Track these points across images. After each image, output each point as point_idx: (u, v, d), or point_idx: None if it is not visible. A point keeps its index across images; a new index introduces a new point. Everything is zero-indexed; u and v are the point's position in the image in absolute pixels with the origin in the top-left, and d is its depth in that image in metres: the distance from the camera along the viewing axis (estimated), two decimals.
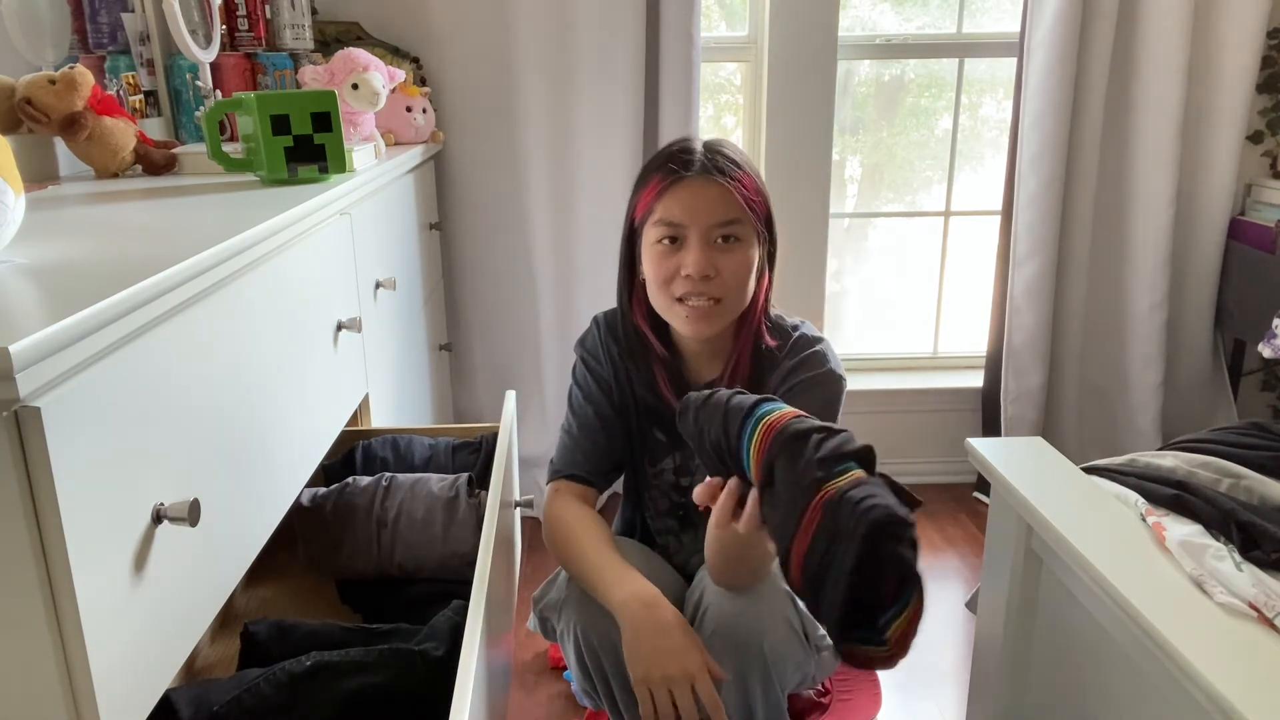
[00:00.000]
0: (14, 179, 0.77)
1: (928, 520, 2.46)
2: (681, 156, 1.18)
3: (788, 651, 1.12)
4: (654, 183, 1.19)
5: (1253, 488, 1.17)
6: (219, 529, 0.87)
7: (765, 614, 1.11)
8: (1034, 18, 2.22)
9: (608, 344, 1.34)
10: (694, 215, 1.16)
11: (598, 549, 1.18)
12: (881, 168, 2.72)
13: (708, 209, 1.16)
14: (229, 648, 1.36)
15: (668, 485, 1.34)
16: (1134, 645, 0.97)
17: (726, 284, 1.18)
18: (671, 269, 1.18)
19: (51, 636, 0.63)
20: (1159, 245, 2.35)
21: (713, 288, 1.17)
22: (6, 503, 0.60)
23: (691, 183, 1.16)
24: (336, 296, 1.35)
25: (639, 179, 1.25)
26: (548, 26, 2.15)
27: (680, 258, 1.17)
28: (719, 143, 1.22)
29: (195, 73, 1.78)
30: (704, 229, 1.16)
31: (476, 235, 2.38)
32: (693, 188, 1.16)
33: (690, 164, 1.17)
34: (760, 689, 1.11)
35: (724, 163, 1.18)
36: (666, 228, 1.18)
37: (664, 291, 1.20)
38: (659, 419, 1.32)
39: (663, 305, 1.22)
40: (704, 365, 1.29)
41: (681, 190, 1.16)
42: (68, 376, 0.63)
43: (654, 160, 1.23)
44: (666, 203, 1.17)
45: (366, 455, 1.49)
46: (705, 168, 1.17)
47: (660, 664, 1.02)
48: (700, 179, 1.16)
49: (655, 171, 1.20)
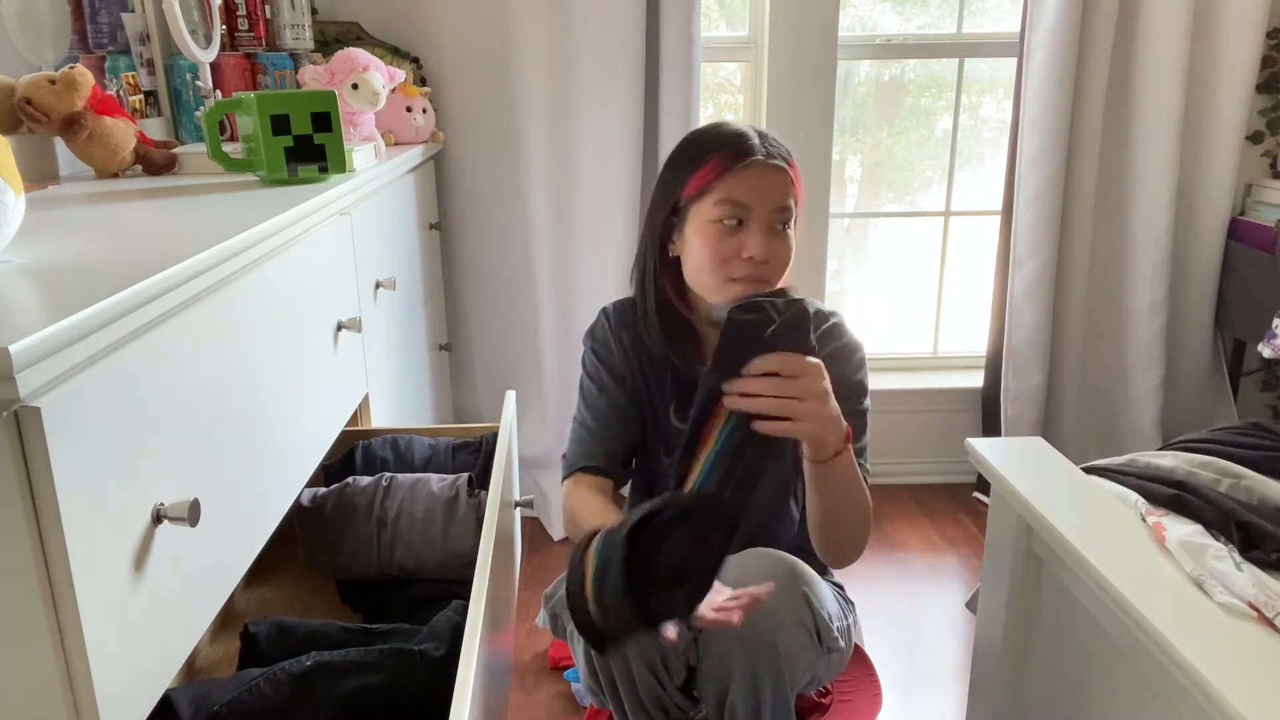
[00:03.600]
0: (14, 179, 0.77)
1: (928, 520, 2.47)
2: (743, 141, 1.20)
3: (800, 652, 1.12)
4: (714, 162, 1.20)
5: (1253, 488, 1.17)
6: (219, 529, 0.87)
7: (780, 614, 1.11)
8: (1034, 18, 2.22)
9: (619, 333, 1.34)
10: (760, 198, 1.18)
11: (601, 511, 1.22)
12: (881, 168, 2.72)
13: (773, 194, 1.19)
14: (229, 648, 1.36)
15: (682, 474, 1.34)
16: (1134, 645, 0.97)
17: (778, 268, 1.21)
18: (731, 249, 1.19)
19: (51, 636, 0.63)
20: (1159, 245, 2.35)
21: (766, 271, 1.20)
22: (6, 503, 0.60)
23: (760, 167, 1.19)
24: (336, 296, 1.35)
25: (687, 158, 1.24)
26: (548, 26, 2.15)
27: (741, 239, 1.19)
28: (764, 131, 1.24)
29: (195, 73, 1.78)
30: (767, 213, 1.19)
31: (476, 235, 2.38)
32: (761, 172, 1.19)
33: (754, 149, 1.19)
34: (770, 688, 1.12)
35: (782, 150, 1.22)
36: (731, 207, 1.19)
37: (719, 271, 1.20)
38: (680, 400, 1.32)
39: (713, 284, 1.22)
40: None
41: (749, 173, 1.18)
42: (68, 376, 0.63)
43: (705, 141, 1.23)
44: (731, 184, 1.18)
45: (366, 455, 1.49)
46: (770, 153, 1.20)
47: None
48: (766, 164, 1.19)
49: (713, 152, 1.20)
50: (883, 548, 2.33)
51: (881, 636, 1.97)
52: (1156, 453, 1.34)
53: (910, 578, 2.20)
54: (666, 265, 1.29)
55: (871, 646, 1.90)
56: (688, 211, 1.23)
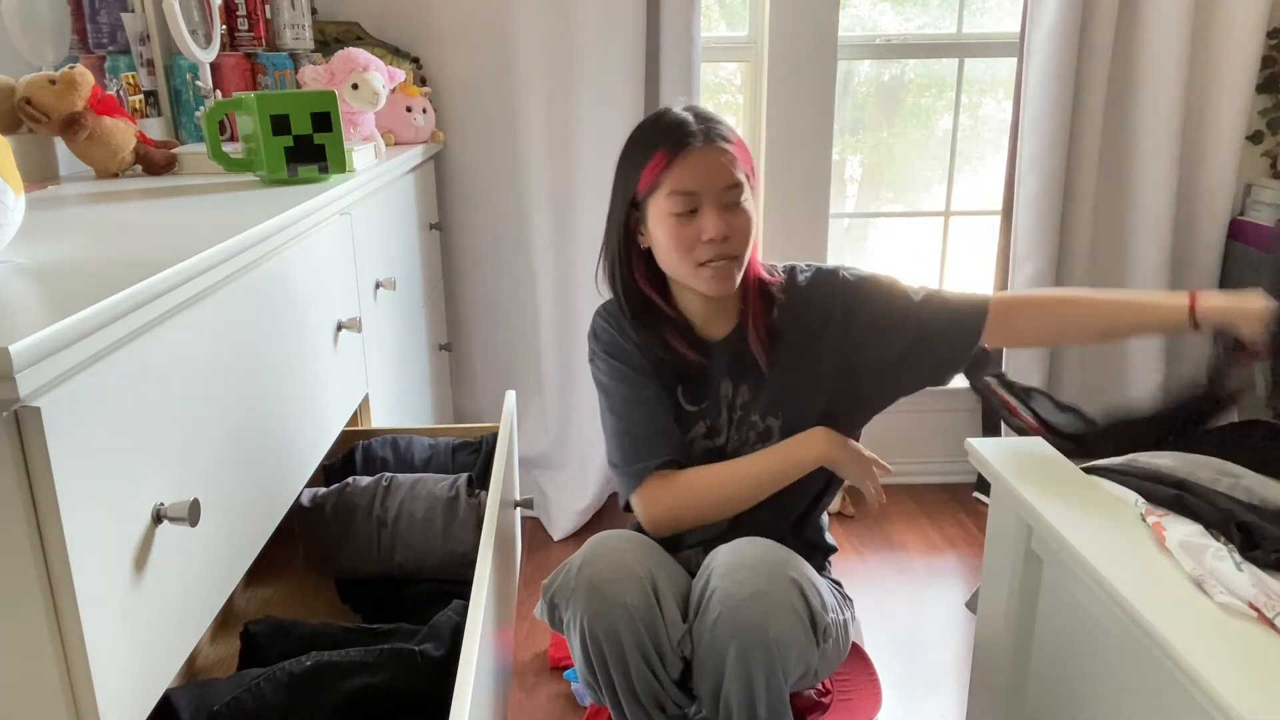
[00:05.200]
0: (14, 179, 0.77)
1: (928, 520, 2.47)
2: (683, 129, 1.23)
3: (792, 638, 1.12)
4: (659, 156, 1.22)
5: (1252, 488, 1.17)
6: (219, 529, 0.87)
7: (772, 600, 1.11)
8: (1034, 18, 2.22)
9: (621, 327, 1.35)
10: (707, 183, 1.21)
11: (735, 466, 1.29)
12: (881, 168, 2.72)
13: (718, 175, 1.22)
14: (229, 648, 1.36)
15: (700, 452, 1.34)
16: (1134, 645, 0.97)
17: (741, 243, 1.24)
18: (691, 236, 1.22)
19: (51, 636, 0.63)
20: (1159, 245, 2.34)
21: (730, 247, 1.23)
22: (6, 503, 0.60)
23: (701, 152, 1.21)
24: (336, 296, 1.35)
25: (635, 153, 1.27)
26: (548, 26, 2.15)
27: (698, 224, 1.22)
28: (700, 109, 1.27)
29: (195, 73, 1.78)
30: (716, 194, 1.22)
31: (476, 235, 2.38)
32: (702, 157, 1.21)
33: (694, 135, 1.22)
34: (764, 676, 1.11)
35: (722, 129, 1.24)
36: (682, 198, 1.22)
37: (686, 259, 1.24)
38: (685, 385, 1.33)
39: (684, 272, 1.25)
40: (714, 323, 1.33)
41: (692, 160, 1.21)
42: (68, 376, 0.63)
43: (648, 135, 1.26)
44: (678, 174, 1.21)
45: (367, 455, 1.49)
46: (708, 136, 1.22)
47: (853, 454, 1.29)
48: (706, 148, 1.22)
49: (656, 146, 1.23)
50: (883, 548, 2.33)
51: (881, 636, 1.97)
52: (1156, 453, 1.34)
53: (910, 578, 2.20)
54: (639, 257, 1.31)
55: (871, 646, 1.90)
56: (646, 205, 1.26)
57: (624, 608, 1.13)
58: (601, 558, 1.18)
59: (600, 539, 1.23)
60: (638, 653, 1.14)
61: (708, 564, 1.20)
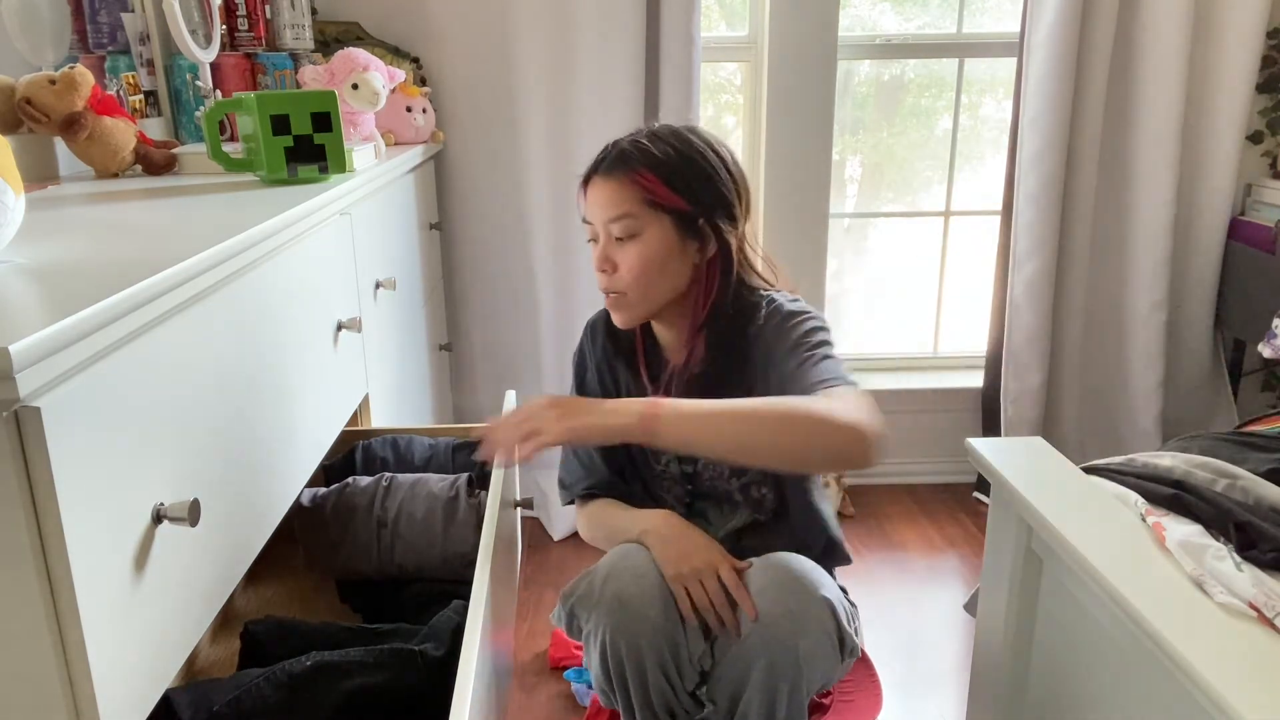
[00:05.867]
0: (14, 179, 0.77)
1: (928, 520, 2.47)
2: (597, 158, 1.23)
3: (820, 657, 1.12)
4: (580, 184, 1.25)
5: (1249, 488, 1.17)
6: (219, 529, 0.87)
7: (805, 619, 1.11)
8: (1034, 18, 2.22)
9: (591, 350, 1.38)
10: (597, 214, 1.22)
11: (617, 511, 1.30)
12: (881, 168, 2.72)
13: (601, 206, 1.21)
14: (229, 648, 1.36)
15: (677, 474, 1.34)
16: (1134, 645, 0.97)
17: (624, 278, 1.21)
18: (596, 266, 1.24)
19: (51, 636, 0.63)
20: (1159, 245, 2.35)
21: (614, 282, 1.22)
22: (6, 503, 0.60)
23: (595, 183, 1.22)
24: (336, 296, 1.35)
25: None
26: (548, 26, 2.15)
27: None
28: (644, 131, 1.23)
29: (195, 73, 1.78)
30: (603, 226, 1.21)
31: (476, 235, 2.38)
32: (595, 187, 1.22)
33: (599, 163, 1.22)
34: (787, 691, 1.11)
35: (629, 152, 1.19)
36: (588, 227, 1.24)
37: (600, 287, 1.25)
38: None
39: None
40: (674, 351, 1.32)
41: (592, 190, 1.23)
42: (68, 376, 0.63)
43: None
44: (585, 203, 1.24)
45: (367, 455, 1.49)
46: (607, 165, 1.21)
47: (687, 560, 1.17)
48: (599, 178, 1.21)
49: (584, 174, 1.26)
50: (882, 548, 2.33)
51: (881, 637, 1.97)
52: (1156, 453, 1.34)
53: (910, 578, 2.20)
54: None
55: (871, 647, 1.89)
56: None
57: (648, 622, 1.13)
58: (626, 571, 1.18)
59: (624, 551, 1.22)
60: (657, 667, 1.14)
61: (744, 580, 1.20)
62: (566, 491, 1.39)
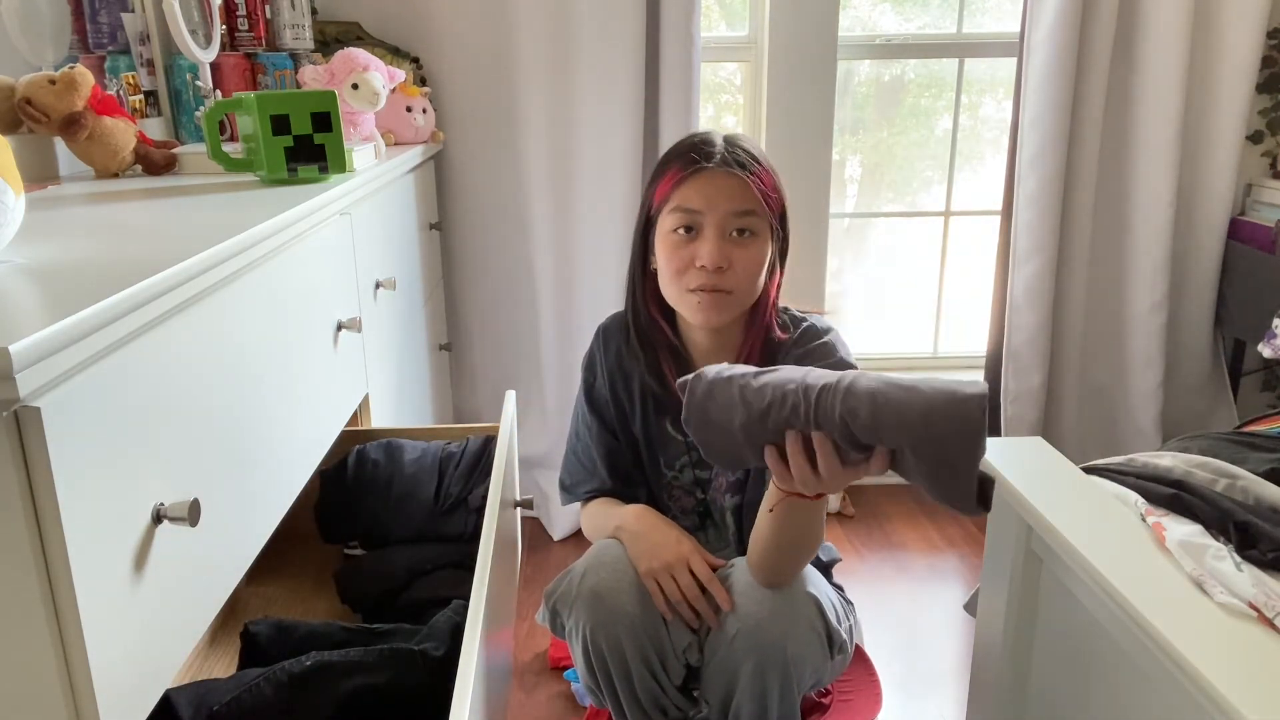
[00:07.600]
0: (14, 179, 0.77)
1: (928, 520, 2.47)
2: (703, 148, 1.20)
3: (809, 655, 1.12)
4: (673, 171, 1.21)
5: (1248, 488, 1.17)
6: (219, 529, 0.87)
7: (791, 617, 1.11)
8: (1034, 18, 2.22)
9: (604, 355, 1.36)
10: (711, 203, 1.18)
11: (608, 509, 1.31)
12: (881, 168, 2.72)
13: (725, 198, 1.18)
14: (229, 648, 1.36)
15: (688, 482, 1.34)
16: (1134, 645, 0.97)
17: (739, 277, 1.19)
18: (686, 260, 1.19)
19: (51, 636, 0.63)
20: (1159, 245, 2.34)
21: (725, 280, 1.19)
22: (6, 503, 0.60)
23: (712, 173, 1.18)
24: (336, 296, 1.35)
25: (657, 169, 1.26)
26: (548, 26, 2.15)
27: (695, 248, 1.19)
28: (739, 137, 1.24)
29: (195, 73, 1.78)
30: (720, 218, 1.18)
31: (476, 235, 2.38)
32: (712, 177, 1.18)
33: (711, 155, 1.19)
34: (778, 691, 1.11)
35: (744, 156, 1.20)
36: (683, 215, 1.19)
37: (677, 282, 1.21)
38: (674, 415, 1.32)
39: (674, 295, 1.23)
40: (711, 359, 1.29)
41: (700, 179, 1.18)
42: (68, 376, 0.63)
43: (674, 151, 1.25)
44: (685, 191, 1.19)
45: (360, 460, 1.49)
46: (725, 159, 1.19)
47: (658, 555, 1.17)
48: (720, 170, 1.18)
49: (675, 161, 1.21)
50: (883, 548, 2.33)
51: (881, 637, 1.97)
52: (1156, 453, 1.34)
53: (910, 578, 2.20)
54: (649, 279, 1.29)
55: (871, 646, 1.90)
56: (656, 223, 1.24)
57: (626, 616, 1.13)
58: (604, 566, 1.18)
59: (603, 547, 1.23)
60: (640, 660, 1.14)
61: (726, 576, 1.20)
62: (568, 493, 1.40)
